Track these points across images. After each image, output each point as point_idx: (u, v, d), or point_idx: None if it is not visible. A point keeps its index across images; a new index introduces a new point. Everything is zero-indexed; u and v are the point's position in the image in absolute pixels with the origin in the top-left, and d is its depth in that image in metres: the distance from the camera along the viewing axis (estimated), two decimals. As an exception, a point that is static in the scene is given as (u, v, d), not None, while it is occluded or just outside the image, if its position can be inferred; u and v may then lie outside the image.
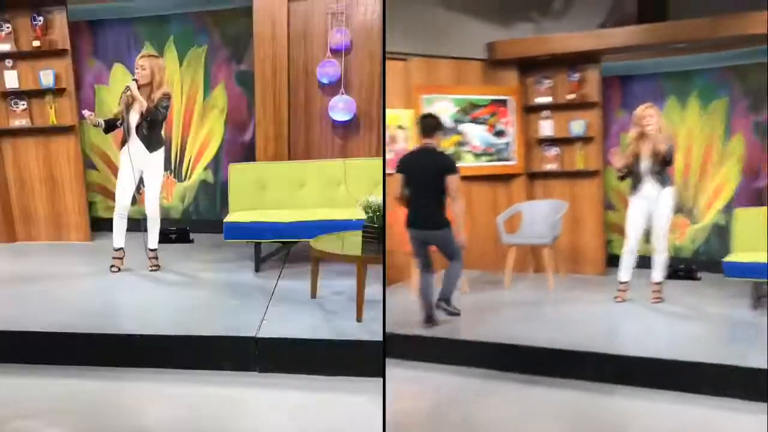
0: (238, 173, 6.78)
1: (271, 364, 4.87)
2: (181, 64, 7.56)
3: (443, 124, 5.81)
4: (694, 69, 7.48)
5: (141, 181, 6.22)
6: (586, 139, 7.70)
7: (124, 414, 4.44)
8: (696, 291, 6.77)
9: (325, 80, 7.09)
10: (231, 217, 6.45)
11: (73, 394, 4.64)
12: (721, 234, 7.42)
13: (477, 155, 7.59)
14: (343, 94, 7.11)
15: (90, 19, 7.53)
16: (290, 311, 5.40)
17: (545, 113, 7.82)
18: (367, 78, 7.26)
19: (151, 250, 6.33)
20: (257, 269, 6.34)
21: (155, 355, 4.99)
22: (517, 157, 7.74)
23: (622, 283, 6.41)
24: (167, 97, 6.07)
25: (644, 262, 6.45)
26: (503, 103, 7.69)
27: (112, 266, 6.25)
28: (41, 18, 7.16)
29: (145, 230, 6.28)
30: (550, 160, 7.82)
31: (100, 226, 7.38)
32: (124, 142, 6.13)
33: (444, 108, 7.36)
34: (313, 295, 5.66)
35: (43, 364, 4.99)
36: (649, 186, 6.21)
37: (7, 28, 7.20)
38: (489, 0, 7.64)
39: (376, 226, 5.27)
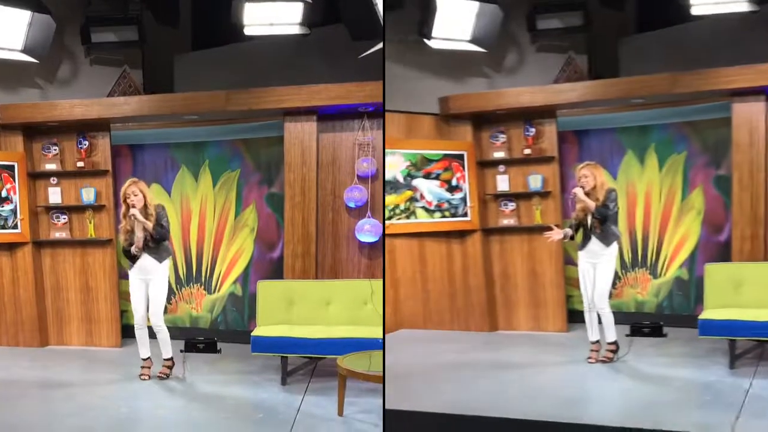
0: (266, 289, 6.99)
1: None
2: (214, 186, 7.89)
3: None
4: (651, 124, 7.61)
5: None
6: (543, 194, 7.72)
7: None
8: (666, 349, 6.66)
9: (351, 204, 7.35)
10: (258, 331, 6.65)
11: None
12: (683, 288, 7.48)
13: (430, 211, 7.66)
14: (369, 217, 7.33)
15: (131, 143, 7.95)
16: (317, 429, 5.47)
17: (501, 168, 7.86)
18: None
19: (165, 359, 6.60)
20: (284, 382, 6.43)
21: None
22: (471, 212, 7.76)
23: (593, 343, 6.41)
24: (162, 208, 6.45)
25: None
26: (457, 157, 7.72)
27: (141, 375, 6.57)
28: (86, 142, 7.66)
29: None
30: (506, 215, 7.82)
31: (131, 332, 7.59)
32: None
33: (394, 162, 7.44)
34: (340, 412, 5.70)
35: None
36: (593, 243, 6.30)
37: (54, 149, 7.69)
38: (441, 55, 7.63)
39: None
